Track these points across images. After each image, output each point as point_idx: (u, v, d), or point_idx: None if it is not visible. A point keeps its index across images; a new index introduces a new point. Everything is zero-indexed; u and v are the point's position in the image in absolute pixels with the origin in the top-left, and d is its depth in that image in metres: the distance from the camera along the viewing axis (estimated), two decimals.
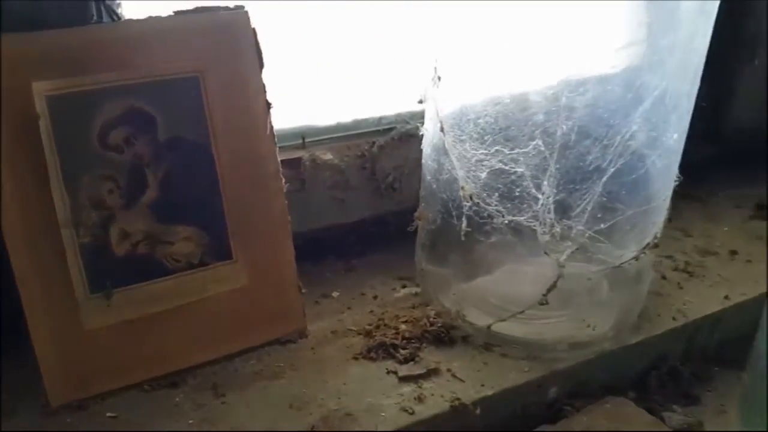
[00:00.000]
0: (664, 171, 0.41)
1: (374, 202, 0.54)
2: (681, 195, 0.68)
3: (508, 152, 0.39)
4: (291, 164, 0.50)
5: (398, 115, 0.54)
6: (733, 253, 0.59)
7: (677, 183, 0.44)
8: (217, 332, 0.45)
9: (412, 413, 0.41)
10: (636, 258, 0.43)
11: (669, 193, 0.43)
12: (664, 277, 0.55)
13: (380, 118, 0.54)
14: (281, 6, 0.49)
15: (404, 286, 0.53)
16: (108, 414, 0.41)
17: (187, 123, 0.42)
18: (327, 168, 0.52)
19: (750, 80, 0.71)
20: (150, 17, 0.41)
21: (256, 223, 0.45)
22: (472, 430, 0.42)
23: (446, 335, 0.47)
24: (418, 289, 0.52)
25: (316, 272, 0.54)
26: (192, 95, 0.42)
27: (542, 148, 0.38)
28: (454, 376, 0.44)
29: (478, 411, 0.42)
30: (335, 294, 0.53)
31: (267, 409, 0.41)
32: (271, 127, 0.44)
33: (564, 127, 0.38)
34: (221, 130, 0.43)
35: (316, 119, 0.52)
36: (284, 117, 0.50)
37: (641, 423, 0.43)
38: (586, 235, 0.41)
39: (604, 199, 0.40)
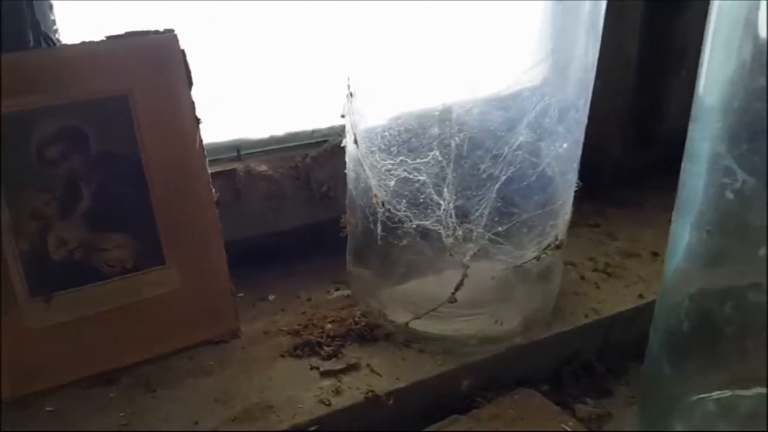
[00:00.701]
0: (558, 178, 0.44)
1: (310, 211, 0.58)
2: (614, 201, 0.73)
3: (411, 162, 0.43)
4: (226, 175, 0.54)
5: (331, 128, 0.58)
6: (655, 254, 0.63)
7: (577, 189, 0.48)
8: (151, 333, 0.48)
9: (329, 404, 0.44)
10: (537, 258, 0.47)
11: (567, 197, 0.47)
12: (582, 278, 0.58)
13: (313, 131, 0.57)
14: (218, 25, 0.52)
15: (337, 289, 0.56)
16: (47, 408, 0.44)
17: (117, 138, 0.45)
18: (262, 179, 0.55)
19: (679, 90, 0.74)
20: (83, 42, 0.44)
21: (187, 231, 0.48)
22: (386, 419, 0.45)
23: (369, 333, 0.50)
24: (350, 292, 0.56)
25: (254, 278, 0.57)
26: (122, 113, 0.45)
27: (440, 158, 0.42)
28: (372, 370, 0.47)
29: (391, 402, 0.45)
30: (271, 297, 0.56)
31: (194, 402, 0.44)
32: (201, 140, 0.47)
33: (457, 139, 0.41)
34: (151, 144, 0.46)
35: (251, 133, 0.56)
36: (220, 131, 0.54)
37: (547, 413, 0.47)
38: (486, 237, 0.44)
39: (500, 204, 0.43)
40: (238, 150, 0.55)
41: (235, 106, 0.54)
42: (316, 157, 0.57)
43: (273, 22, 0.54)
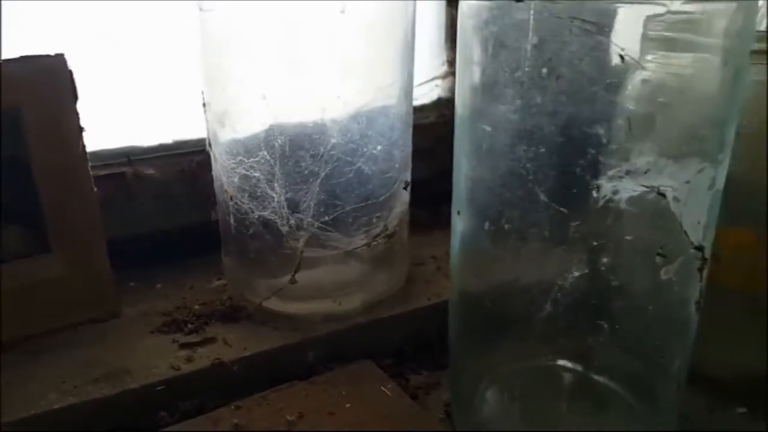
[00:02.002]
0: (376, 175, 0.52)
1: (198, 210, 0.65)
2: None
3: (247, 161, 0.51)
4: (117, 178, 0.62)
5: None
6: None
7: (406, 186, 0.55)
8: (39, 312, 0.56)
9: (178, 369, 0.51)
10: (368, 245, 0.54)
11: (393, 193, 0.54)
12: (438, 269, 0.66)
13: (198, 140, 0.65)
14: (114, 45, 0.61)
15: (219, 279, 0.64)
16: None
17: (10, 146, 0.53)
18: (151, 181, 0.63)
19: None
20: None
21: (72, 224, 0.56)
22: (233, 383, 0.52)
23: (233, 314, 0.58)
24: None
25: (147, 270, 0.65)
26: (15, 124, 0.53)
27: (268, 157, 0.50)
28: (225, 343, 0.55)
29: (235, 368, 0.52)
30: (158, 286, 0.63)
31: (66, 367, 0.52)
32: (84, 145, 0.55)
33: (279, 140, 0.49)
34: (39, 149, 0.54)
35: (142, 140, 0.64)
36: (112, 138, 0.62)
37: (377, 379, 0.54)
38: (315, 225, 0.52)
39: (324, 197, 0.51)
40: (129, 156, 0.63)
41: (127, 116, 0.62)
42: (201, 162, 0.64)
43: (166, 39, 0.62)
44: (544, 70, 0.34)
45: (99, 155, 0.61)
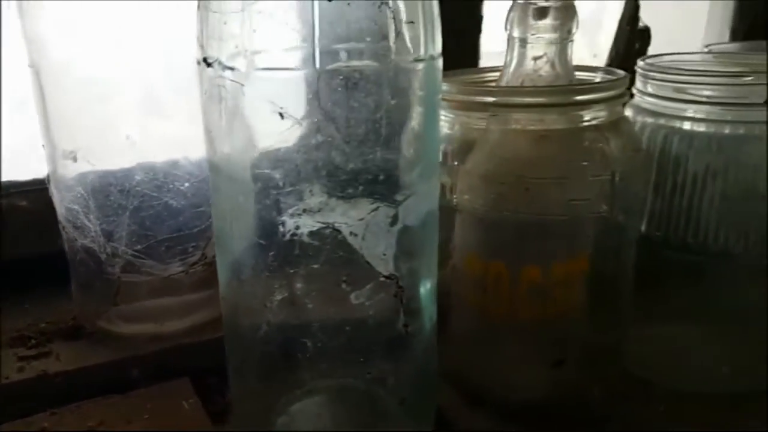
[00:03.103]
0: (188, 209, 0.58)
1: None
2: None
3: (67, 195, 0.58)
4: None
5: None
6: None
7: None
8: None
9: (8, 378, 0.58)
10: (186, 272, 0.60)
11: (204, 224, 0.60)
12: None
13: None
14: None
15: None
16: None
17: None
18: (23, 212, 0.70)
19: None
20: None
21: None
22: (58, 393, 0.58)
23: (74, 333, 0.64)
24: None
25: (20, 291, 0.72)
26: None
27: (83, 192, 0.56)
28: (57, 358, 0.61)
29: (57, 380, 0.58)
30: (26, 306, 0.70)
31: None
32: None
33: (90, 177, 0.56)
34: None
35: (17, 176, 0.71)
36: None
37: (184, 396, 0.59)
38: (129, 253, 0.58)
39: (135, 227, 0.57)
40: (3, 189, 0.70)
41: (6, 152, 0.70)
42: None
43: None
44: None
45: None
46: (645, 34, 0.90)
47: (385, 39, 0.38)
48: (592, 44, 1.03)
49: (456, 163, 0.53)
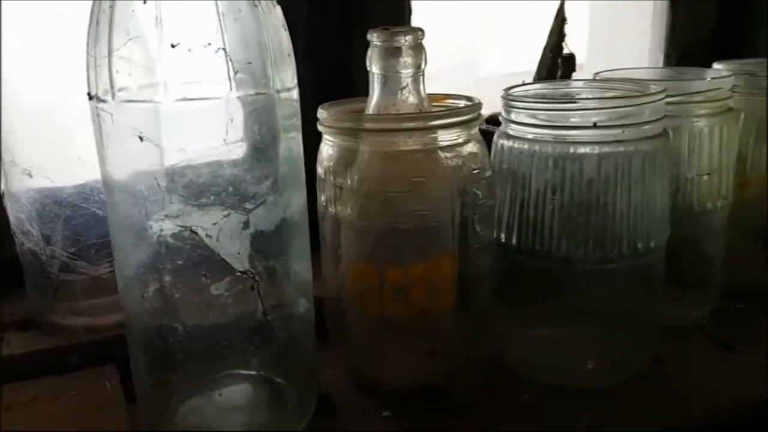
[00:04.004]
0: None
1: None
2: None
3: (14, 205, 0.68)
4: None
5: None
6: None
7: None
8: None
9: None
10: (113, 272, 0.70)
11: None
12: None
13: None
14: None
15: None
16: None
17: None
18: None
19: None
20: None
21: None
22: (2, 373, 0.68)
23: (26, 325, 0.74)
24: None
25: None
26: None
27: (25, 202, 0.67)
28: (8, 343, 0.71)
29: (4, 362, 0.68)
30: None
31: None
32: None
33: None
34: None
35: None
36: None
37: (108, 378, 0.68)
38: (65, 255, 0.68)
39: (68, 233, 0.67)
40: None
41: None
42: None
43: None
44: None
45: None
46: (570, 61, 0.98)
47: (226, 78, 0.47)
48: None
49: (332, 179, 0.61)
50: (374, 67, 0.58)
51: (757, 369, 0.67)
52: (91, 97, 0.49)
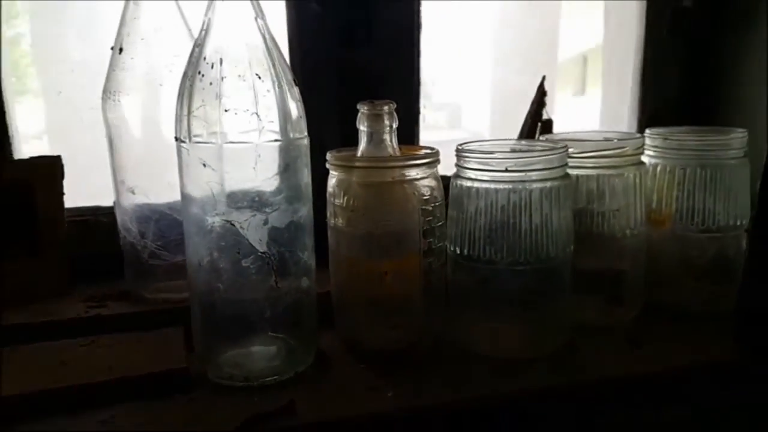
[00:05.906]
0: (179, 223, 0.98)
1: None
2: None
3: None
4: (82, 223, 1.13)
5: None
6: None
7: None
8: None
9: (86, 313, 0.99)
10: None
11: None
12: None
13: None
14: None
15: None
16: None
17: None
18: (103, 225, 1.14)
19: None
20: None
21: (52, 242, 1.07)
22: (105, 329, 0.99)
23: (123, 297, 1.05)
24: None
25: (106, 274, 1.14)
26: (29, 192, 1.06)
27: (128, 210, 0.98)
28: (108, 308, 1.01)
29: (106, 320, 0.99)
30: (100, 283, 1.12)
31: None
32: (62, 204, 1.07)
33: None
34: (42, 207, 1.07)
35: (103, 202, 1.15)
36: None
37: (178, 332, 0.98)
38: (154, 246, 0.99)
39: (157, 231, 0.98)
40: (93, 212, 1.14)
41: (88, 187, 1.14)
42: None
43: None
44: None
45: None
46: (547, 124, 1.24)
47: (257, 130, 0.77)
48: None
49: (333, 200, 0.90)
50: (362, 126, 0.87)
51: (650, 358, 0.89)
52: (176, 139, 0.79)
